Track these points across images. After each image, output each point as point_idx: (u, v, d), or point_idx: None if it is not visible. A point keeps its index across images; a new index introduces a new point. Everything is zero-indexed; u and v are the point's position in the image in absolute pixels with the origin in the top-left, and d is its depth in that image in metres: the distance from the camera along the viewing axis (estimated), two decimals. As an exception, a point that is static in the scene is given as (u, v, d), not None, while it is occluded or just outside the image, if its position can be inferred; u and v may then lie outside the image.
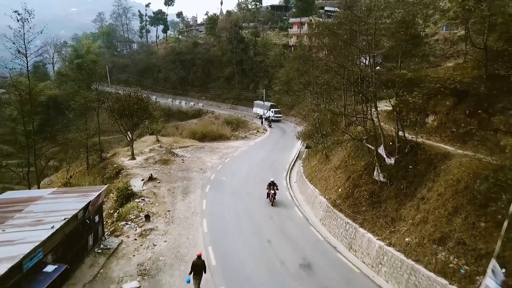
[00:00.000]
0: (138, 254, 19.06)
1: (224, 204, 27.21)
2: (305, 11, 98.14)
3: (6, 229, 14.56)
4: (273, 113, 69.17)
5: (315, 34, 38.27)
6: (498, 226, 14.58)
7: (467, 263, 14.86)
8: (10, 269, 11.63)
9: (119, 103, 35.70)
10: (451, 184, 17.52)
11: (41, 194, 19.49)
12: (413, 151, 21.36)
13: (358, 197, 22.97)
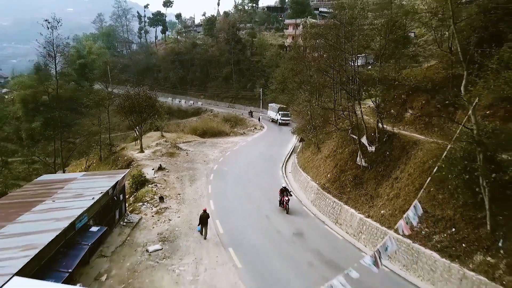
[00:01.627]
0: (157, 226, 22.59)
1: (227, 189, 30.77)
2: (300, 13, 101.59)
3: (56, 200, 18.02)
4: (280, 115, 65.99)
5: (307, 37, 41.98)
6: (451, 196, 18.30)
7: (427, 226, 18.54)
8: (67, 226, 15.08)
9: (129, 101, 39.19)
10: (418, 165, 21.22)
11: (74, 176, 23.02)
12: (390, 140, 25.03)
13: (343, 180, 26.61)
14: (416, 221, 12.49)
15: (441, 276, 16.53)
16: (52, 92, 31.22)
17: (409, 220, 12.32)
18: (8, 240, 13.66)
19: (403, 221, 12.46)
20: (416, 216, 12.45)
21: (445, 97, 20.48)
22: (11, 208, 17.28)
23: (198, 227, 21.32)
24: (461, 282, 15.71)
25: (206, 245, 20.00)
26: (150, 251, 19.18)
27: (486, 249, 15.75)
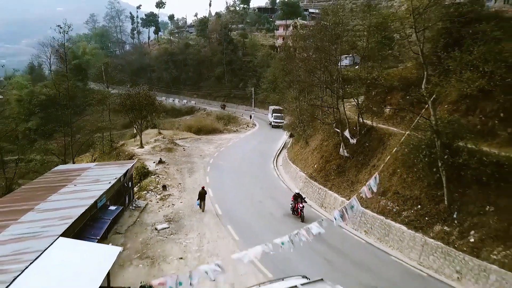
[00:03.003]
0: (162, 210, 25.40)
1: (223, 179, 33.65)
2: (290, 14, 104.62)
3: (77, 184, 20.74)
4: (273, 117, 64.15)
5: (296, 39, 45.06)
6: (418, 179, 21.41)
7: (398, 205, 21.65)
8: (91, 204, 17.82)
9: (130, 99, 41.87)
10: (392, 154, 24.28)
11: (88, 165, 25.73)
12: (369, 133, 28.16)
13: (328, 169, 29.67)
14: (375, 188, 15.55)
15: (407, 244, 19.66)
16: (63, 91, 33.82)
17: (371, 187, 15.42)
18: (45, 213, 16.38)
19: (366, 188, 15.53)
20: (376, 184, 15.51)
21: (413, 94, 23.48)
22: (39, 191, 19.95)
23: (197, 202, 25.65)
24: (423, 247, 18.85)
25: (207, 223, 22.89)
26: (158, 229, 22.00)
27: (443, 220, 18.90)
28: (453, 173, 19.00)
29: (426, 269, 18.14)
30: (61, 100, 34.21)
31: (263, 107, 76.79)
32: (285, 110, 50.65)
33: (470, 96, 22.72)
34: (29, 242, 13.42)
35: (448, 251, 17.76)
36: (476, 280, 16.38)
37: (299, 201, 24.48)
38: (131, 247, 19.52)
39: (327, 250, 20.25)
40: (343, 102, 30.22)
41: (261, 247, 11.57)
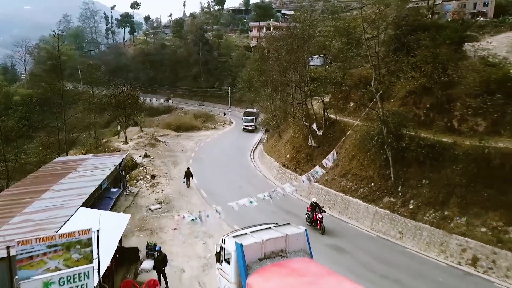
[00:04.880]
0: (153, 195, 28.72)
1: (205, 169, 37.16)
2: (263, 16, 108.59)
3: (81, 171, 23.86)
4: (243, 120, 61.43)
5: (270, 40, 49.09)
6: (372, 161, 25.65)
7: (355, 184, 25.82)
8: (98, 185, 21.06)
9: (115, 98, 44.72)
10: (352, 142, 28.51)
11: (86, 156, 28.73)
12: (333, 125, 32.35)
13: (299, 158, 33.71)
14: (332, 160, 19.69)
15: (362, 215, 23.87)
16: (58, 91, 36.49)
17: (329, 159, 19.51)
18: (62, 192, 19.54)
19: (326, 159, 19.61)
20: (333, 158, 19.62)
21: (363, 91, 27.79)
22: (48, 177, 22.96)
23: (184, 179, 31.08)
24: (374, 216, 23.09)
25: (195, 203, 26.45)
26: (152, 209, 25.39)
27: (390, 193, 23.22)
28: (398, 155, 23.31)
29: (377, 232, 22.36)
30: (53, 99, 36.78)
31: (239, 106, 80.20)
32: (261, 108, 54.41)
33: (416, 92, 27.22)
34: (56, 211, 16.66)
35: (393, 217, 22.07)
36: (413, 237, 20.72)
37: (317, 211, 22.43)
38: (131, 223, 22.74)
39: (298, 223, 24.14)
40: (311, 99, 34.32)
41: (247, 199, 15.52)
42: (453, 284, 16.85)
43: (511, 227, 17.81)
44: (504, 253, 17.28)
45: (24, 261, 8.77)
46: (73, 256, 9.37)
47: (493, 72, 22.46)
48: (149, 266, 17.31)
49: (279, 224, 14.25)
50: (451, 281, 17.05)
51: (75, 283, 9.40)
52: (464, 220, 19.40)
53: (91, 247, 9.72)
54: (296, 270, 11.95)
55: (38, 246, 8.92)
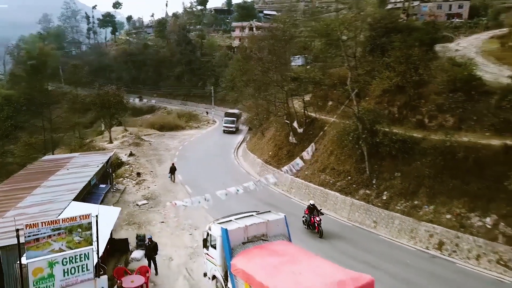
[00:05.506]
0: (140, 191, 29.64)
1: (190, 167, 38.16)
2: (246, 16, 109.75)
3: (69, 169, 24.62)
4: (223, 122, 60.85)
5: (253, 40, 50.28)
6: (349, 156, 27.14)
7: (333, 178, 27.28)
8: (87, 181, 21.91)
9: (100, 98, 45.25)
10: (330, 138, 29.98)
11: (73, 155, 29.39)
12: (313, 123, 33.81)
13: (280, 155, 35.07)
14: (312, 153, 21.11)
15: (340, 206, 25.33)
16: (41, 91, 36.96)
17: (308, 152, 20.93)
18: (53, 188, 20.33)
19: (305, 152, 21.02)
20: (312, 151, 21.03)
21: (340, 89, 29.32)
22: (37, 174, 23.67)
23: (169, 174, 32.78)
24: (351, 207, 24.57)
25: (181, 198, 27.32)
26: (139, 205, 26.33)
27: (366, 186, 24.75)
28: (372, 150, 24.85)
29: (353, 222, 23.84)
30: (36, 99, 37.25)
31: (223, 105, 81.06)
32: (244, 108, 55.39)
33: (390, 91, 28.84)
34: (49, 205, 17.51)
35: (368, 207, 23.60)
36: (386, 226, 22.26)
37: (315, 214, 21.96)
38: (119, 218, 23.65)
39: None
40: (292, 99, 35.73)
41: (235, 187, 16.81)
42: (420, 265, 18.38)
43: (472, 214, 19.51)
44: (466, 237, 18.94)
45: (32, 242, 9.76)
46: (75, 239, 10.39)
47: (459, 71, 24.18)
48: (139, 255, 18.34)
49: (260, 212, 15.52)
50: (419, 263, 18.60)
51: (77, 263, 10.43)
52: (432, 208, 21.03)
53: (91, 230, 10.76)
54: (276, 251, 13.22)
55: (43, 229, 9.92)
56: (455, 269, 18.11)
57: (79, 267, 10.47)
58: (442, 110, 24.60)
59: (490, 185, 19.66)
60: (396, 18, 34.51)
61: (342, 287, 10.69)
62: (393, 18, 33.12)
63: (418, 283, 16.78)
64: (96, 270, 11.24)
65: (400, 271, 17.76)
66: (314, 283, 10.93)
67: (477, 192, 19.94)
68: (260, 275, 11.81)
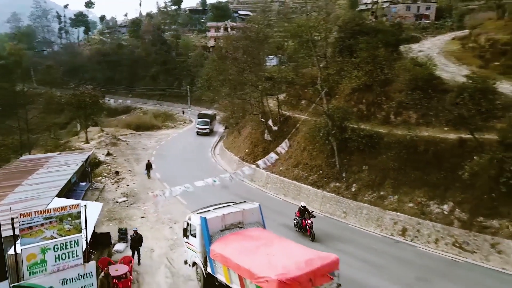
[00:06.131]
0: (119, 189, 30.25)
1: (168, 165, 38.92)
2: (220, 16, 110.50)
3: (49, 168, 25.07)
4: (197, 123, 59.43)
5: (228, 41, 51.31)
6: (320, 152, 28.63)
7: (306, 172, 28.71)
8: (68, 179, 22.51)
9: (76, 98, 45.32)
10: (303, 135, 31.41)
11: (52, 154, 29.71)
12: (287, 121, 35.21)
13: (256, 152, 36.30)
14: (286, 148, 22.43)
15: (312, 198, 26.76)
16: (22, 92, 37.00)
17: (283, 147, 22.23)
18: (34, 186, 20.85)
19: (280, 147, 22.32)
20: (286, 146, 22.35)
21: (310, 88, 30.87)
22: (17, 173, 24.05)
23: (145, 171, 33.77)
24: (322, 199, 26.04)
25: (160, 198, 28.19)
26: (119, 202, 27.02)
27: (336, 179, 26.27)
28: (341, 145, 26.42)
29: (324, 213, 25.29)
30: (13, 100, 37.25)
31: (199, 105, 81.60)
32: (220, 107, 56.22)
33: (359, 90, 30.52)
34: (33, 202, 18.08)
35: (338, 199, 25.13)
36: (355, 215, 23.84)
37: (306, 216, 21.35)
38: (100, 214, 24.31)
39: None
40: (267, 98, 37.03)
41: (211, 178, 17.91)
42: (386, 250, 19.95)
43: (431, 202, 21.27)
44: (426, 223, 20.67)
45: (25, 230, 10.55)
46: (65, 227, 11.23)
47: (420, 71, 26.00)
48: (121, 247, 19.17)
49: (237, 202, 16.70)
50: (385, 248, 20.18)
51: (67, 249, 11.29)
52: (396, 198, 22.73)
53: (80, 219, 11.62)
54: (251, 236, 14.43)
55: (36, 218, 10.72)
56: (417, 252, 19.76)
57: (69, 253, 11.32)
58: (406, 107, 26.41)
59: (447, 175, 21.48)
60: (362, 21, 36.25)
61: (309, 264, 11.99)
62: (360, 21, 34.81)
63: (384, 266, 18.28)
64: (85, 256, 12.11)
65: (368, 256, 19.23)
66: (285, 262, 12.18)
67: (436, 182, 21.73)
68: (237, 257, 12.97)
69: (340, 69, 32.74)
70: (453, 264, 18.36)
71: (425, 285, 16.35)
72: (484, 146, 20.25)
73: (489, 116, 20.23)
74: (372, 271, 17.55)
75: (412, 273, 17.34)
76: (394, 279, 16.78)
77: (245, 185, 32.73)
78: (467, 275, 17.14)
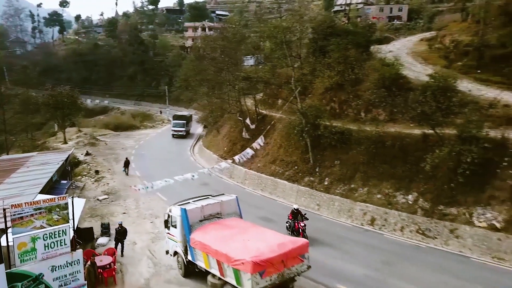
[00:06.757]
0: (100, 188, 30.78)
1: (147, 164, 39.53)
2: (198, 17, 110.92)
3: (29, 167, 25.44)
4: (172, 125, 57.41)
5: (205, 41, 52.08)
6: (295, 148, 29.92)
7: (282, 168, 29.96)
8: (50, 177, 23.02)
9: (53, 99, 45.28)
10: (279, 133, 32.67)
11: (31, 154, 29.96)
12: (264, 119, 36.41)
13: (235, 150, 37.28)
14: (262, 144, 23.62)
15: (288, 193, 28.07)
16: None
17: (259, 142, 23.41)
18: (17, 183, 21.28)
19: (256, 143, 23.47)
20: (262, 142, 23.54)
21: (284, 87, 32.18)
22: (-3, 172, 24.34)
23: (123, 168, 35.07)
24: (297, 193, 27.35)
25: (140, 192, 28.85)
26: (100, 199, 27.60)
27: (310, 174, 27.62)
28: (315, 142, 27.78)
29: (300, 206, 26.26)
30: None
31: (178, 104, 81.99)
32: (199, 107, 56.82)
33: (332, 89, 31.98)
34: (17, 199, 18.51)
35: (312, 192, 26.48)
36: (328, 207, 25.24)
37: (299, 219, 20.74)
38: (82, 211, 24.90)
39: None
40: (244, 97, 38.15)
41: (190, 174, 18.85)
42: (356, 238, 21.35)
43: (398, 193, 22.85)
44: (393, 212, 22.22)
45: (17, 220, 11.29)
46: (54, 217, 12.00)
47: (388, 71, 27.60)
48: (104, 241, 19.92)
49: (215, 195, 17.75)
50: (355, 236, 21.60)
51: (56, 238, 12.06)
52: (366, 190, 24.23)
53: (67, 210, 12.41)
54: (228, 225, 15.51)
55: (27, 208, 11.47)
56: (384, 239, 21.26)
57: (58, 242, 12.09)
58: (375, 105, 27.99)
59: (411, 167, 23.09)
60: (335, 23, 37.76)
61: (282, 247, 13.18)
62: (332, 23, 36.30)
63: (353, 252, 19.65)
64: (72, 244, 12.91)
65: (339, 243, 20.59)
66: (259, 246, 13.32)
67: (401, 174, 23.34)
68: (215, 244, 14.03)
69: (314, 69, 34.12)
70: (416, 249, 19.90)
71: (389, 267, 17.78)
72: (444, 140, 21.90)
73: (448, 112, 21.87)
74: (342, 257, 18.91)
75: (378, 257, 18.77)
76: (362, 263, 18.15)
77: (224, 182, 33.79)
78: (427, 258, 18.68)
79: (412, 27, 67.35)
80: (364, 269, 17.66)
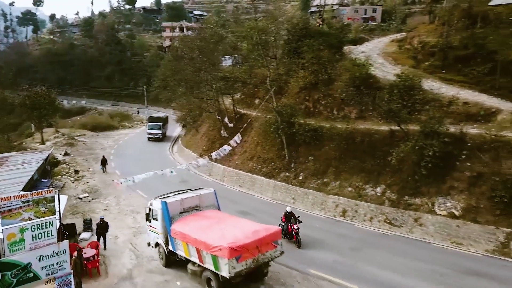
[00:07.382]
0: (80, 186, 31.21)
1: (127, 163, 39.97)
2: (176, 17, 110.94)
3: (9, 166, 25.74)
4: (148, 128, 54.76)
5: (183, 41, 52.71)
6: (272, 146, 31.11)
7: (259, 165, 31.10)
8: (31, 176, 23.45)
9: (30, 99, 45.10)
10: (256, 131, 33.80)
11: (9, 154, 30.09)
12: (241, 118, 37.46)
13: (214, 148, 38.04)
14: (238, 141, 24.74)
15: (265, 188, 29.24)
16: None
17: (236, 140, 24.51)
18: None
19: (233, 140, 24.52)
20: (239, 139, 24.63)
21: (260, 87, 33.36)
22: (-23, 172, 24.55)
23: (101, 166, 35.89)
24: (274, 188, 28.55)
25: (121, 190, 29.41)
26: (81, 197, 28.09)
27: (286, 169, 28.86)
28: (290, 139, 29.03)
29: (276, 200, 27.79)
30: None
31: (156, 104, 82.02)
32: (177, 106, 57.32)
33: (306, 88, 33.27)
34: None
35: (288, 187, 27.72)
36: (302, 201, 26.51)
37: (292, 222, 20.40)
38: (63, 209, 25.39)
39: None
40: (222, 96, 39.12)
41: (169, 169, 19.81)
42: (329, 229, 22.64)
43: (367, 185, 24.32)
44: (363, 204, 23.66)
45: (6, 212, 11.99)
46: (41, 209, 12.73)
47: (358, 71, 29.07)
48: (87, 236, 20.57)
49: (194, 189, 18.73)
50: (328, 227, 22.90)
51: (43, 229, 12.80)
52: (337, 184, 25.62)
53: (54, 202, 13.15)
54: (207, 216, 16.54)
55: (15, 201, 12.17)
56: (355, 229, 22.66)
57: (45, 233, 12.82)
58: (347, 104, 29.44)
59: (380, 162, 24.59)
60: (309, 24, 39.15)
61: (256, 234, 14.29)
62: (306, 24, 37.67)
63: (325, 240, 20.92)
64: (59, 235, 13.65)
65: (312, 233, 21.75)
66: (236, 233, 14.40)
67: (370, 168, 24.82)
68: (194, 233, 15.02)
69: (289, 69, 35.41)
70: (383, 237, 21.36)
71: (357, 252, 19.16)
72: (409, 135, 23.45)
73: (412, 109, 23.46)
74: (314, 244, 20.13)
75: (347, 244, 20.14)
76: (332, 251, 19.46)
77: (203, 179, 34.67)
78: (392, 244, 20.16)
79: (386, 28, 69.58)
80: (334, 255, 18.96)
